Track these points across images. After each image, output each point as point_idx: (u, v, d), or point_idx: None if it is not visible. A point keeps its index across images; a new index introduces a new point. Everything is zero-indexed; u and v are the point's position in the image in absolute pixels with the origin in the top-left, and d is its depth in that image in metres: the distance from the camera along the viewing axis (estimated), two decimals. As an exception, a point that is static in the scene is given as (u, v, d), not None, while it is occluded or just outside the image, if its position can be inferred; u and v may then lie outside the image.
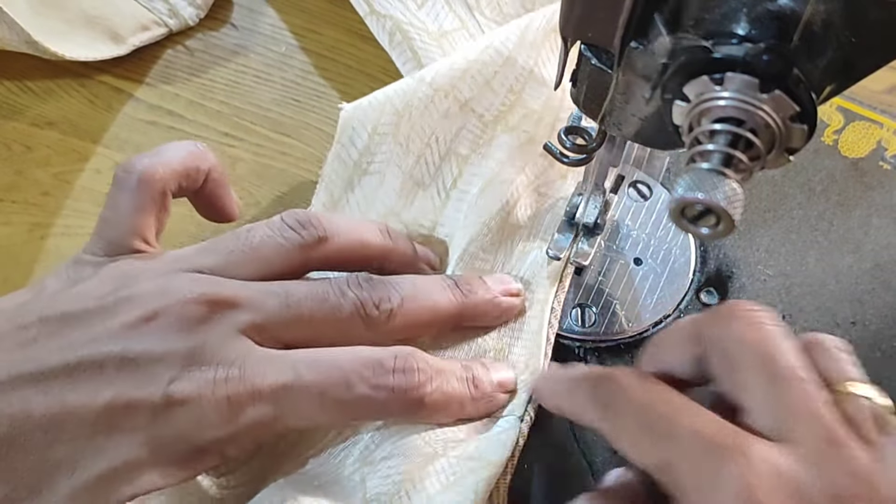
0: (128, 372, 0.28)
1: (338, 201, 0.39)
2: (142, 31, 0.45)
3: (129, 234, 0.32)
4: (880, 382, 0.25)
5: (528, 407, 0.32)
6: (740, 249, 0.39)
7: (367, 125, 0.39)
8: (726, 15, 0.21)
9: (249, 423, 0.28)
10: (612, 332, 0.37)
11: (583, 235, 0.37)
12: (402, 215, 0.39)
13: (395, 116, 0.39)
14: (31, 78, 0.44)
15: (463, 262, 0.37)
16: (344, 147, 0.39)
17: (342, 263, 0.33)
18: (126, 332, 0.28)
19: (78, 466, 0.27)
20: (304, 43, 0.47)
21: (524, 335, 0.35)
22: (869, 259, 0.39)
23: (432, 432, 0.31)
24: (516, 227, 0.38)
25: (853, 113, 0.43)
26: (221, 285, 0.30)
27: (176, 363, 0.28)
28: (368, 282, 0.32)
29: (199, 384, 0.28)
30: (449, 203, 0.39)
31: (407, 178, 0.39)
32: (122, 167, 0.32)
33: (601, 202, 0.36)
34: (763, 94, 0.20)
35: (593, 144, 0.31)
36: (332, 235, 0.32)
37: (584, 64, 0.26)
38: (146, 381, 0.27)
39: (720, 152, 0.20)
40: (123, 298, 0.29)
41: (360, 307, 0.31)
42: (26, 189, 0.41)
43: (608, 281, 0.38)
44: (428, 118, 0.39)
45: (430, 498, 0.28)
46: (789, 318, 0.37)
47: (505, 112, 0.40)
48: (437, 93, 0.39)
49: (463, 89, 0.39)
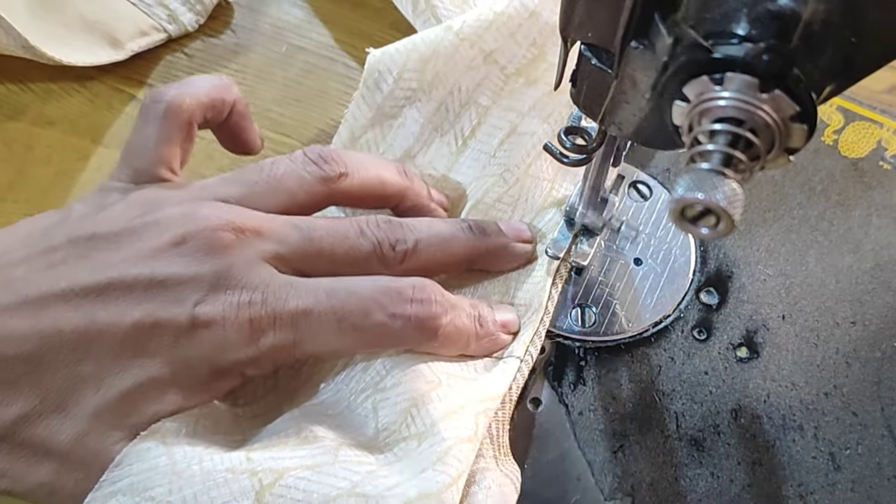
0: (155, 293, 0.28)
1: (357, 139, 0.40)
2: (141, 36, 0.45)
3: (156, 162, 0.33)
4: (880, 383, 0.25)
5: (529, 348, 0.33)
6: (740, 249, 0.39)
7: (394, 70, 0.39)
8: (726, 15, 0.21)
9: (270, 346, 0.29)
10: (612, 332, 0.37)
11: (583, 235, 0.37)
12: (417, 159, 0.40)
13: (420, 63, 0.39)
14: (31, 78, 0.44)
15: (477, 211, 0.38)
16: (369, 90, 0.40)
17: (361, 200, 0.35)
18: (154, 254, 0.29)
19: (103, 384, 0.28)
20: (304, 43, 0.47)
21: (528, 282, 0.36)
22: (869, 259, 0.39)
23: (439, 364, 0.32)
24: (537, 179, 0.39)
25: (853, 113, 0.43)
26: (247, 214, 0.31)
27: (202, 286, 0.29)
28: (387, 223, 0.33)
29: (224, 307, 0.29)
30: (466, 151, 0.40)
31: (426, 123, 0.40)
32: (150, 96, 0.33)
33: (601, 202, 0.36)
34: (763, 94, 0.20)
35: (593, 144, 0.31)
36: (352, 172, 0.34)
37: (584, 64, 0.26)
38: (173, 303, 0.28)
39: (720, 152, 0.20)
40: (151, 222, 0.30)
41: (378, 246, 0.32)
42: (27, 188, 0.41)
43: (608, 281, 0.38)
44: (452, 67, 0.39)
45: (433, 422, 0.29)
46: (789, 317, 0.37)
47: (526, 65, 0.40)
48: (462, 42, 0.39)
49: (488, 40, 0.39)
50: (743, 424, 0.35)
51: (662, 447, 0.34)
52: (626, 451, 0.34)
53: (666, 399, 0.35)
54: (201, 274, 0.29)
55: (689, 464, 0.34)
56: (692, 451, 0.34)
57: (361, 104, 0.40)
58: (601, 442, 0.34)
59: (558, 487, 0.33)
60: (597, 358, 0.36)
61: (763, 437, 0.35)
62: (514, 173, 0.38)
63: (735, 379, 0.36)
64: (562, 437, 0.35)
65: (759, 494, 0.33)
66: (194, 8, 0.46)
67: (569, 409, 0.35)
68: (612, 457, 0.34)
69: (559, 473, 0.34)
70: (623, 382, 0.36)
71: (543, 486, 0.33)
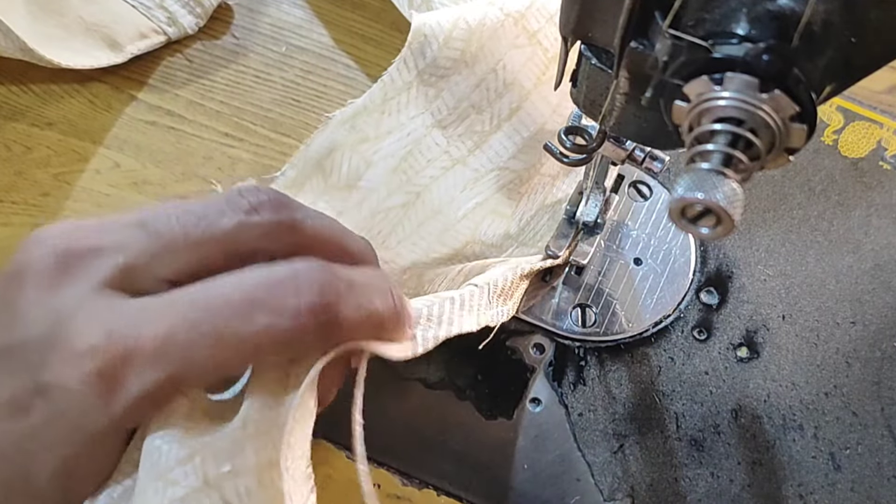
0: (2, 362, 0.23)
1: (390, 99, 0.40)
2: (140, 39, 0.45)
3: None
4: (880, 383, 0.25)
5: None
6: (740, 249, 0.39)
7: (440, 36, 0.39)
8: (726, 15, 0.21)
9: (137, 395, 0.23)
10: (612, 332, 0.37)
11: (583, 234, 0.37)
12: (449, 130, 0.40)
13: (467, 32, 0.39)
14: (31, 79, 0.44)
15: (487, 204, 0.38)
16: (412, 55, 0.39)
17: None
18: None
19: None
20: (303, 43, 0.47)
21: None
22: (869, 259, 0.39)
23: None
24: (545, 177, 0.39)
25: (853, 113, 0.43)
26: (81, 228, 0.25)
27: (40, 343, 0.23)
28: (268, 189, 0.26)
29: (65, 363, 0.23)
30: (499, 132, 0.40)
31: (464, 97, 0.40)
32: None
33: (601, 201, 0.36)
34: (763, 94, 0.20)
35: (593, 144, 0.31)
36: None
37: (584, 64, 0.26)
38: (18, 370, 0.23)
39: (720, 152, 0.20)
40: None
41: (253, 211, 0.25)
42: (26, 190, 0.41)
43: (608, 281, 0.38)
44: (497, 42, 0.39)
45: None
46: (789, 317, 0.37)
47: None
48: (507, 17, 0.39)
49: (531, 20, 0.39)
50: (743, 424, 0.35)
51: (662, 447, 0.34)
52: (625, 452, 0.34)
53: (666, 399, 0.35)
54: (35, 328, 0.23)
55: (689, 464, 0.34)
56: (692, 451, 0.34)
57: (402, 67, 0.40)
58: (601, 442, 0.34)
59: (558, 488, 0.33)
60: (597, 358, 0.36)
61: (763, 437, 0.35)
62: (530, 172, 0.39)
63: (735, 379, 0.36)
64: (562, 438, 0.34)
65: (759, 494, 0.33)
66: (194, 11, 0.46)
67: (569, 409, 0.35)
68: (611, 457, 0.34)
69: (559, 474, 0.34)
70: (623, 383, 0.36)
71: (543, 487, 0.33)
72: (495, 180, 0.39)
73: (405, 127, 0.39)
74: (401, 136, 0.39)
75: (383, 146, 0.40)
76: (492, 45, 0.39)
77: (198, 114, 0.44)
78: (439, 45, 0.39)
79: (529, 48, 0.39)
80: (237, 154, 0.43)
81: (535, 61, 0.40)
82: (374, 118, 0.40)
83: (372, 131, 0.40)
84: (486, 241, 0.38)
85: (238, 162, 0.43)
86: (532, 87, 0.40)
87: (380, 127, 0.40)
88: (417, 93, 0.40)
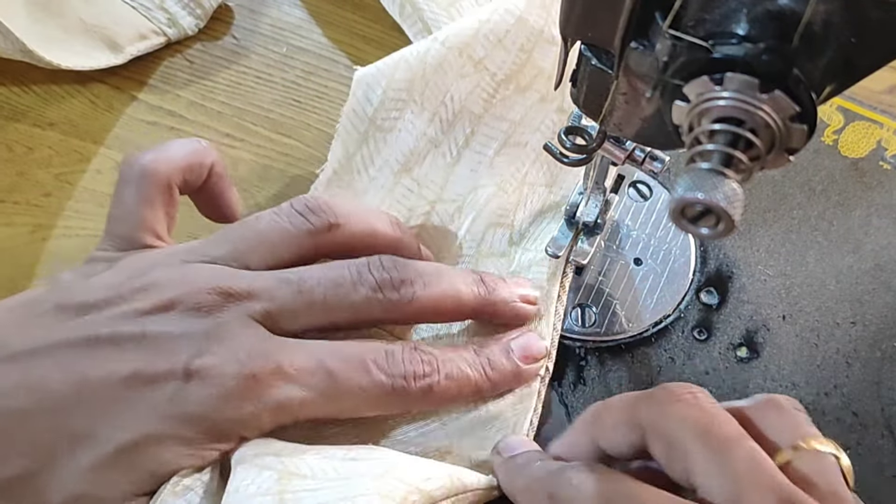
0: (147, 349, 0.28)
1: (353, 156, 0.39)
2: (140, 40, 0.45)
3: (139, 228, 0.32)
4: (880, 383, 0.25)
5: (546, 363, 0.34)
6: (740, 249, 0.39)
7: (382, 81, 0.39)
8: (726, 15, 0.21)
9: (273, 403, 0.28)
10: (612, 332, 0.37)
11: (583, 235, 0.37)
12: (415, 171, 0.39)
13: (408, 73, 0.39)
14: (32, 79, 0.44)
15: (477, 225, 0.38)
16: (359, 102, 0.39)
17: (351, 250, 0.33)
18: (142, 317, 0.28)
19: (99, 439, 0.27)
20: (304, 44, 0.47)
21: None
22: (869, 259, 0.39)
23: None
24: (534, 185, 0.39)
25: (853, 113, 0.43)
26: (235, 276, 0.30)
27: (195, 342, 0.28)
28: (391, 262, 0.32)
29: (223, 359, 0.28)
30: (461, 161, 0.39)
31: (421, 135, 0.39)
32: (125, 162, 0.33)
33: (601, 201, 0.36)
34: (763, 94, 0.20)
35: (593, 144, 0.31)
36: (343, 222, 0.32)
37: (584, 64, 0.26)
38: (167, 358, 0.28)
39: (720, 152, 0.20)
40: (138, 288, 0.29)
41: (378, 289, 0.31)
42: (28, 190, 0.41)
43: (608, 281, 0.38)
44: (442, 76, 0.39)
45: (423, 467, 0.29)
46: (789, 318, 0.37)
47: (516, 71, 0.40)
48: (450, 51, 0.39)
49: (476, 48, 0.39)
50: (743, 424, 0.35)
51: (663, 447, 0.34)
52: (626, 451, 0.34)
53: (666, 399, 0.35)
54: (193, 330, 0.28)
55: (689, 464, 0.34)
56: (693, 451, 0.34)
57: (352, 117, 0.39)
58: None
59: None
60: (597, 358, 0.36)
61: (763, 436, 0.35)
62: (512, 183, 0.39)
63: (735, 379, 0.36)
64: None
65: (760, 494, 0.33)
66: (194, 12, 0.46)
67: (569, 409, 0.35)
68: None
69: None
70: (623, 383, 0.36)
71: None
72: (479, 200, 0.39)
73: (377, 180, 0.38)
74: (376, 191, 0.38)
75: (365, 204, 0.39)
76: (437, 78, 0.39)
77: (199, 114, 0.44)
78: (383, 89, 0.38)
79: (476, 76, 0.39)
80: (238, 154, 0.43)
81: (483, 86, 0.39)
82: (346, 180, 0.39)
83: (350, 195, 0.39)
84: (494, 251, 0.38)
85: (239, 162, 0.43)
86: (482, 111, 0.40)
87: (355, 188, 0.39)
88: (375, 141, 0.39)
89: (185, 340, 0.28)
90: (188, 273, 0.30)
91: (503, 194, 0.38)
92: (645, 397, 0.27)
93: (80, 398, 0.27)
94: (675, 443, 0.25)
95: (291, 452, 0.28)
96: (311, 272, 0.31)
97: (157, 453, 0.27)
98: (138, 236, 0.32)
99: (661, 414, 0.26)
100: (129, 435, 0.27)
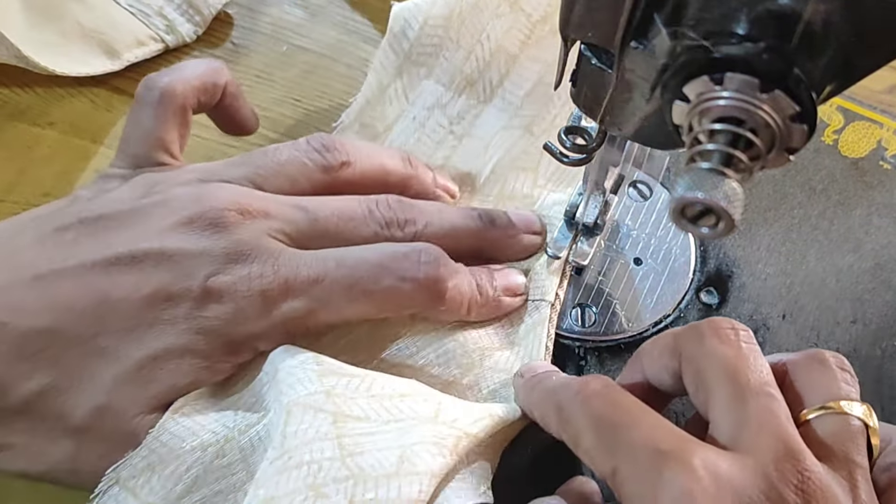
0: (166, 266, 0.29)
1: (386, 87, 0.40)
2: (138, 46, 0.45)
3: (154, 146, 0.33)
4: (880, 381, 0.25)
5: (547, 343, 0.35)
6: (740, 249, 0.39)
7: (419, 17, 0.40)
8: (726, 15, 0.21)
9: (282, 317, 0.30)
10: (612, 332, 0.37)
11: (582, 235, 0.37)
12: (448, 108, 0.40)
13: (446, 9, 0.40)
14: (32, 79, 0.44)
15: (498, 170, 0.39)
16: (396, 38, 0.40)
17: (363, 188, 0.35)
18: (163, 232, 0.29)
19: (119, 355, 0.28)
20: (304, 42, 0.47)
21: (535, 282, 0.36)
22: (869, 258, 0.39)
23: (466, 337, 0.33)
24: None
25: (853, 113, 0.43)
26: (252, 195, 0.31)
27: (213, 260, 0.29)
28: (398, 202, 0.33)
29: (236, 279, 0.29)
30: (493, 101, 0.40)
31: (457, 72, 0.40)
32: (143, 84, 0.34)
33: (601, 202, 0.36)
34: (763, 94, 0.20)
35: (593, 144, 0.31)
36: (354, 161, 0.34)
37: (584, 64, 0.26)
38: (185, 276, 0.29)
39: (720, 152, 0.21)
40: (159, 202, 0.30)
41: (385, 227, 0.33)
42: (28, 189, 0.41)
43: (608, 281, 0.38)
44: (478, 14, 0.40)
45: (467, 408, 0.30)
46: (790, 317, 0.37)
47: (552, 12, 0.40)
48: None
49: None
50: (743, 424, 0.35)
51: (663, 447, 0.34)
52: (626, 451, 0.34)
53: (666, 399, 0.35)
54: (211, 248, 0.29)
55: (689, 463, 0.34)
56: (692, 450, 0.34)
57: (388, 52, 0.40)
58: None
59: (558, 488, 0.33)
60: (597, 358, 0.36)
61: (763, 436, 0.35)
62: (541, 125, 0.39)
63: (735, 378, 0.36)
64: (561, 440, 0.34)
65: (760, 494, 0.33)
66: (193, 19, 0.46)
67: (569, 408, 0.35)
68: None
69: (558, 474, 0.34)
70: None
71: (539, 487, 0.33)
72: (507, 139, 0.40)
73: (409, 112, 0.40)
74: (407, 123, 0.40)
75: (392, 136, 0.40)
76: (473, 17, 0.40)
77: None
78: (420, 25, 0.40)
79: (511, 15, 0.40)
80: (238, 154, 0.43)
81: (518, 27, 0.40)
82: (379, 111, 0.40)
83: (380, 125, 0.40)
84: (517, 194, 0.39)
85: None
86: (518, 51, 0.40)
87: (386, 118, 0.40)
88: (410, 75, 0.40)
89: (203, 258, 0.29)
90: (207, 191, 0.31)
91: (530, 136, 0.39)
92: (690, 327, 0.28)
93: (102, 317, 0.28)
94: (702, 375, 0.26)
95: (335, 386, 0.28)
96: (326, 202, 0.33)
97: (175, 367, 0.28)
98: (153, 154, 0.33)
99: (699, 345, 0.26)
100: (148, 351, 0.28)
